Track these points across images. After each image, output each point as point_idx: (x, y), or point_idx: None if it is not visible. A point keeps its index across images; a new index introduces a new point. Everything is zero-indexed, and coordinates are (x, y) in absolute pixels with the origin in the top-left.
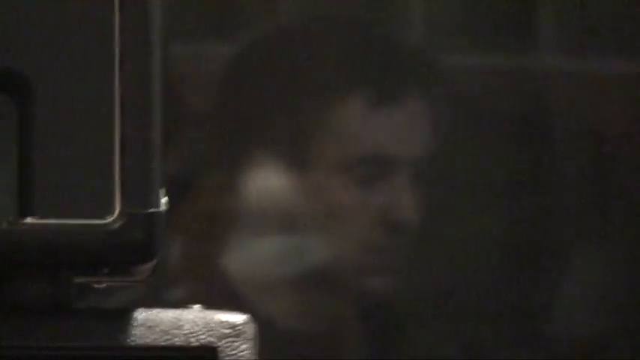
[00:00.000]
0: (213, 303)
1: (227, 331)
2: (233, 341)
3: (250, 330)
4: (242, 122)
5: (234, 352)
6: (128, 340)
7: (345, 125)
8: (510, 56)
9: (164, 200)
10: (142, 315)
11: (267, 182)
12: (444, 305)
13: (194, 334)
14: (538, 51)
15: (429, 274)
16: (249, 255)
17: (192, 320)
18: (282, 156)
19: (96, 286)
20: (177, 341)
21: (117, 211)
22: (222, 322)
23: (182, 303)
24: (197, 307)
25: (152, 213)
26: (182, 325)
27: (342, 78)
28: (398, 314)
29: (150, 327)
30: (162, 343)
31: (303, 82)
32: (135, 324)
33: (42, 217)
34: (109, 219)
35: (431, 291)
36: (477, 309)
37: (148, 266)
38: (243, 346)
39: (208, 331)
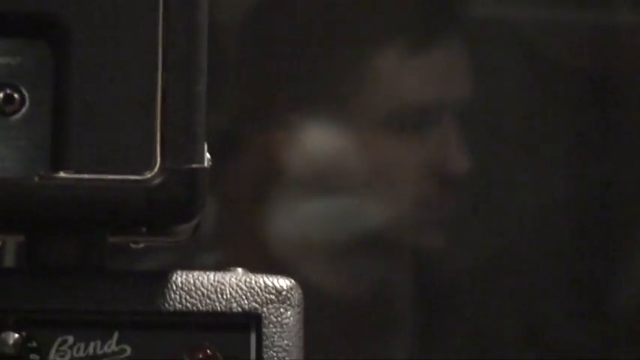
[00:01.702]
0: (254, 268)
1: (271, 296)
2: (278, 307)
3: (296, 296)
4: (277, 76)
5: (278, 319)
6: (166, 305)
7: (383, 75)
8: (584, 11)
9: (207, 156)
10: (180, 278)
11: (309, 141)
12: (502, 275)
13: (236, 299)
14: (613, 5)
15: (488, 241)
16: (294, 218)
17: (235, 284)
18: (322, 112)
19: (132, 246)
20: (219, 306)
21: (157, 166)
22: (266, 286)
23: (222, 266)
24: (240, 270)
25: (195, 169)
26: (224, 290)
27: (379, 24)
28: (452, 284)
29: (189, 291)
30: (202, 308)
31: (337, 32)
32: (173, 287)
33: (76, 172)
34: (149, 174)
35: (488, 260)
36: (537, 280)
37: (189, 226)
38: (288, 313)
39: (252, 296)
